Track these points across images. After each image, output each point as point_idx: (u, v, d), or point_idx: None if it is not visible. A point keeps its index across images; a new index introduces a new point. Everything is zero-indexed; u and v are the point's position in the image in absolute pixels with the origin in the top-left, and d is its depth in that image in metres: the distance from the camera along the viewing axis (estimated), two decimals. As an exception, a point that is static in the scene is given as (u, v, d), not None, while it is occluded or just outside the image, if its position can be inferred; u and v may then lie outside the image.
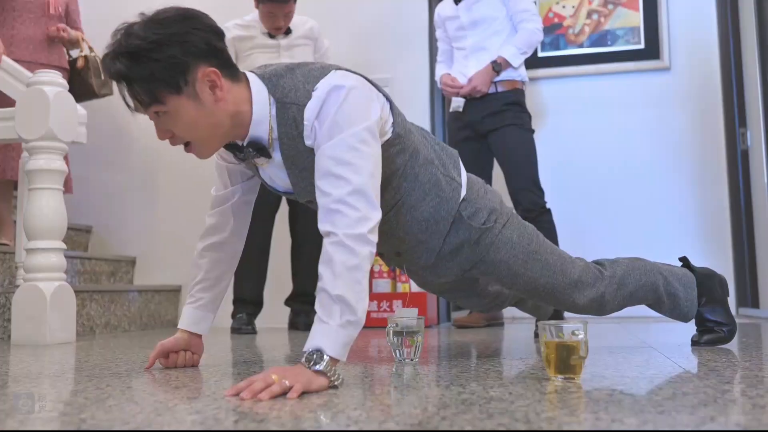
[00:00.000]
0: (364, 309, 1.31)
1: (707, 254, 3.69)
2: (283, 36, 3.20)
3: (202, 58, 1.38)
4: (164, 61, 1.34)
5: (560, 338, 1.35)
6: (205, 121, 1.40)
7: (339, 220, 1.32)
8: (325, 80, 1.41)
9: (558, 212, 3.56)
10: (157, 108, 1.38)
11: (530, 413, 1.01)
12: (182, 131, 1.41)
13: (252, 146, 1.46)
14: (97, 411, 1.07)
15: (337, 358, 1.27)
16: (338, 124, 1.36)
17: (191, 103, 1.38)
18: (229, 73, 1.42)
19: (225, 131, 1.44)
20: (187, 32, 1.37)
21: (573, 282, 1.76)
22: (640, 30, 3.94)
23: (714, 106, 3.80)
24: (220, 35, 1.43)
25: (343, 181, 1.33)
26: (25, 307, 2.50)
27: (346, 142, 1.35)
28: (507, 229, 1.70)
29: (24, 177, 2.77)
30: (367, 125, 1.38)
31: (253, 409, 1.07)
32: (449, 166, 1.67)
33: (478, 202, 1.68)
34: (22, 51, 3.24)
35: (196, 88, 1.37)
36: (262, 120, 1.43)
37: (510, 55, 3.04)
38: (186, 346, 1.69)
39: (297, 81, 1.43)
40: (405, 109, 3.69)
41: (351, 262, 1.29)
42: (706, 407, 1.04)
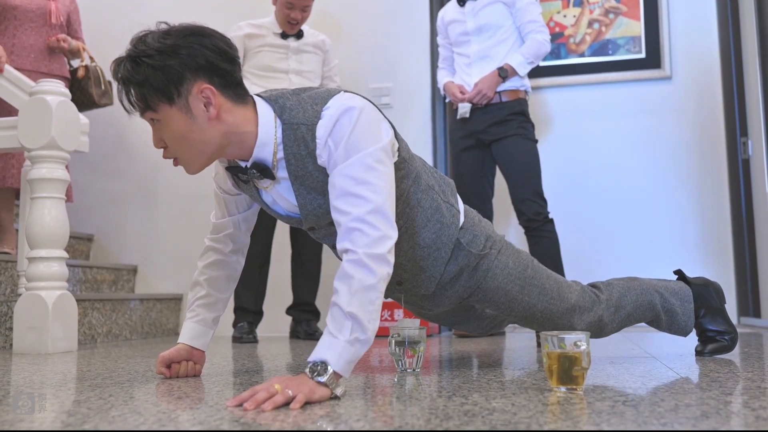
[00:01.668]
0: (375, 330, 1.31)
1: (708, 263, 3.69)
2: (294, 39, 3.23)
3: (200, 74, 1.39)
4: (160, 70, 1.37)
5: (562, 349, 1.35)
6: (194, 136, 1.41)
7: (358, 238, 1.32)
8: (335, 100, 1.42)
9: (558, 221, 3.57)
10: (150, 115, 1.42)
11: (533, 425, 1.01)
12: (172, 143, 1.43)
13: (255, 168, 1.47)
14: (100, 421, 1.07)
15: (340, 373, 1.27)
16: (354, 143, 1.37)
17: (182, 116, 1.40)
18: (233, 94, 1.43)
19: (215, 150, 1.44)
20: (191, 46, 1.39)
21: (570, 307, 1.77)
22: (641, 39, 3.95)
23: (715, 115, 3.81)
24: (228, 57, 1.43)
25: (362, 200, 1.34)
26: (27, 316, 2.50)
27: (364, 161, 1.36)
28: (502, 255, 1.72)
29: (26, 186, 2.78)
30: (382, 145, 1.40)
31: (256, 420, 1.07)
32: (448, 193, 1.69)
33: (474, 229, 1.70)
34: (23, 60, 3.25)
35: (189, 102, 1.39)
36: (267, 142, 1.44)
37: (517, 63, 3.04)
38: (188, 357, 1.69)
39: (304, 102, 1.44)
40: (406, 117, 3.73)
41: (368, 281, 1.29)
42: (708, 419, 1.04)
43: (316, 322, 3.27)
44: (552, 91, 4.03)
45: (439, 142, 3.80)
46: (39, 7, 3.33)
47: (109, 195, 4.04)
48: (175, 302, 3.75)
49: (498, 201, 3.53)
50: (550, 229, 2.98)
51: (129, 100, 1.42)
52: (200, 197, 3.82)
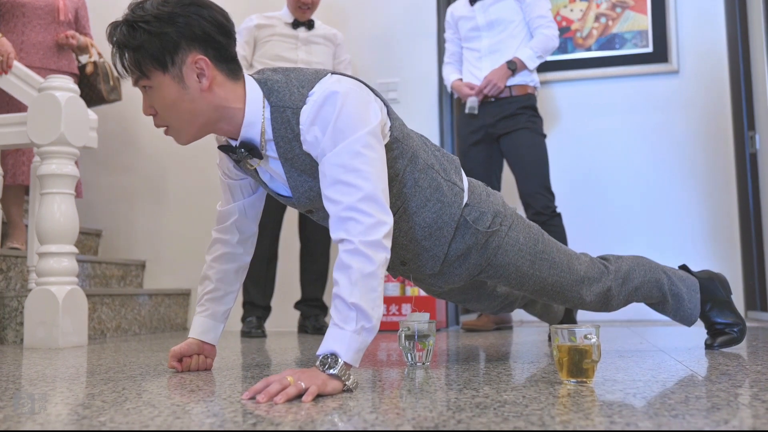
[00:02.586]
0: (379, 316, 1.32)
1: (716, 257, 3.69)
2: (304, 29, 3.25)
3: (195, 44, 1.40)
4: (156, 36, 1.38)
5: (573, 342, 1.35)
6: (185, 106, 1.42)
7: (353, 227, 1.32)
8: (320, 84, 1.41)
9: (565, 216, 3.57)
10: (143, 82, 1.42)
11: (545, 416, 1.02)
12: (162, 110, 1.44)
13: (244, 147, 1.47)
14: (115, 414, 1.08)
15: (350, 363, 1.28)
16: (341, 130, 1.36)
17: (175, 85, 1.40)
18: (227, 68, 1.44)
19: (205, 122, 1.45)
20: (188, 16, 1.40)
21: (580, 278, 1.77)
22: (648, 33, 3.94)
23: (722, 109, 3.80)
24: (224, 31, 1.44)
25: (352, 188, 1.33)
26: (37, 311, 2.52)
27: (351, 148, 1.35)
28: (513, 230, 1.70)
29: (36, 181, 2.80)
30: (369, 129, 1.38)
31: (269, 412, 1.08)
32: (450, 171, 1.66)
33: (481, 206, 1.67)
34: (32, 57, 3.27)
35: (182, 71, 1.40)
36: (254, 121, 1.44)
37: (526, 57, 3.08)
38: (198, 351, 1.70)
39: (291, 85, 1.43)
40: (413, 112, 3.74)
41: (367, 269, 1.29)
42: (719, 411, 1.05)
43: (323, 317, 3.28)
44: (559, 85, 4.02)
45: (446, 136, 3.80)
46: (47, 4, 3.34)
47: (118, 191, 4.06)
48: (183, 297, 3.77)
49: (505, 194, 3.54)
50: (557, 223, 2.99)
51: (123, 64, 1.42)
52: (208, 192, 3.83)
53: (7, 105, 3.14)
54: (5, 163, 3.14)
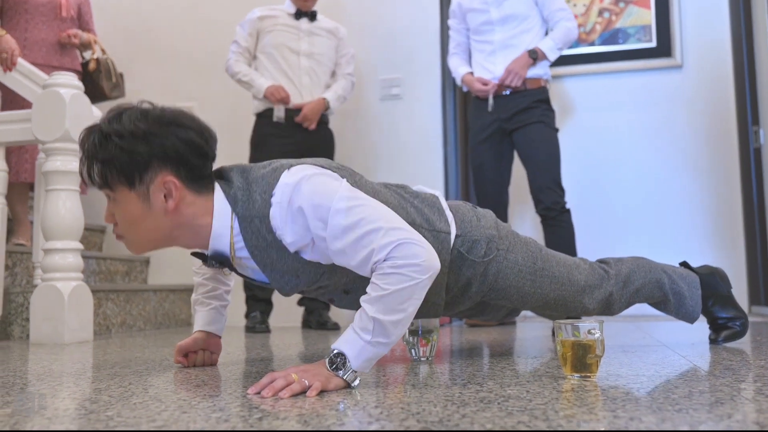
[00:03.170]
0: (401, 333, 1.30)
1: (720, 252, 3.69)
2: (307, 20, 3.27)
3: (167, 164, 1.35)
4: (127, 153, 1.33)
5: (576, 337, 1.36)
6: (146, 224, 1.39)
7: (386, 257, 1.27)
8: (279, 186, 1.35)
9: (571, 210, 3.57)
10: (107, 192, 1.39)
11: (549, 411, 1.02)
12: (122, 223, 1.40)
13: (214, 258, 1.46)
14: (122, 409, 1.09)
15: (358, 370, 1.29)
16: (320, 205, 1.31)
17: (139, 203, 1.37)
18: (196, 186, 1.39)
19: (163, 238, 1.42)
20: (164, 135, 1.35)
21: (581, 288, 1.78)
22: (652, 28, 3.94)
23: (726, 104, 3.80)
24: (200, 153, 1.38)
25: (370, 236, 1.29)
26: (43, 307, 2.53)
27: (339, 209, 1.30)
28: (510, 253, 1.68)
29: (41, 178, 2.81)
30: (343, 187, 1.35)
31: (275, 407, 1.09)
32: (433, 219, 1.60)
33: (473, 234, 1.64)
34: (35, 54, 3.27)
35: (149, 190, 1.36)
36: (222, 234, 1.40)
37: (547, 47, 3.07)
38: (204, 346, 1.72)
39: (253, 191, 1.38)
40: (416, 108, 3.74)
41: (402, 290, 1.26)
42: (723, 405, 1.05)
43: (327, 312, 3.29)
44: (562, 80, 4.02)
45: (449, 132, 3.80)
46: (50, 1, 3.35)
47: (121, 187, 4.06)
48: (187, 293, 3.78)
49: (515, 189, 3.53)
50: (566, 219, 2.99)
51: (89, 174, 1.38)
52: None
53: (11, 102, 3.15)
54: (8, 160, 3.15)
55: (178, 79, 4.11)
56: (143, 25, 4.20)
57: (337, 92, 3.30)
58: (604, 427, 0.91)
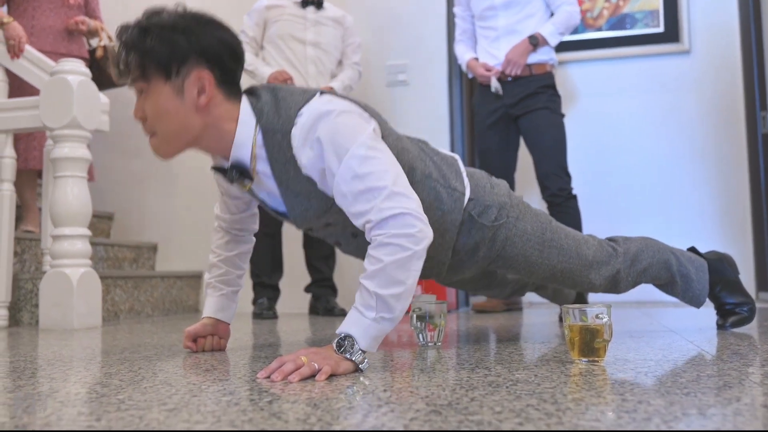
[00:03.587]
0: (403, 308, 1.31)
1: (727, 238, 3.68)
2: (313, 9, 3.27)
3: (203, 60, 1.39)
4: (167, 43, 1.37)
5: (584, 322, 1.36)
6: (176, 118, 1.40)
7: (384, 224, 1.30)
8: (308, 106, 1.38)
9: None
10: (141, 84, 1.41)
11: (557, 395, 1.03)
12: (153, 118, 1.42)
13: (235, 168, 1.46)
14: (133, 392, 1.10)
15: (366, 349, 1.30)
16: (340, 144, 1.34)
17: (172, 94, 1.39)
18: (227, 89, 1.43)
19: (193, 138, 1.43)
20: (203, 31, 1.39)
21: (589, 263, 1.78)
22: (659, 13, 3.91)
23: (734, 90, 3.77)
24: (235, 56, 1.43)
25: (373, 192, 1.31)
26: (52, 293, 2.55)
27: (356, 155, 1.33)
28: (520, 221, 1.70)
29: (49, 165, 2.82)
30: (368, 133, 1.36)
31: (285, 391, 1.09)
32: (450, 177, 1.63)
33: (486, 199, 1.66)
34: (43, 41, 3.27)
35: (184, 84, 1.39)
36: (244, 143, 1.42)
37: (548, 32, 3.06)
38: (213, 331, 1.73)
39: (279, 107, 1.41)
40: (423, 94, 3.73)
41: (398, 261, 1.28)
42: (731, 389, 1.06)
43: (334, 298, 3.30)
44: (569, 66, 4.00)
45: (455, 118, 3.79)
46: (57, -12, 3.34)
47: (129, 174, 4.08)
48: (195, 280, 3.80)
49: (521, 174, 3.53)
50: (572, 205, 2.98)
51: (127, 65, 1.41)
52: (218, 176, 3.85)
53: (19, 89, 3.15)
54: (17, 147, 3.16)
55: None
56: (149, 11, 4.19)
57: (343, 81, 3.30)
58: (613, 410, 0.91)
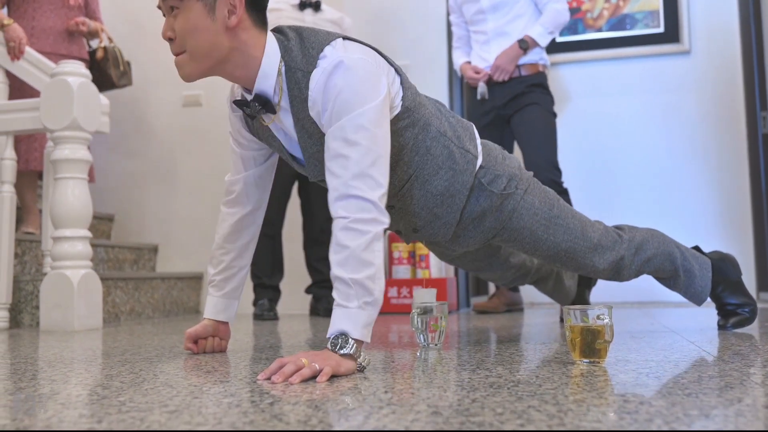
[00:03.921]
0: (381, 289, 1.33)
1: (728, 238, 3.68)
2: (311, 11, 3.26)
3: None
4: None
5: (585, 322, 1.36)
6: (206, 36, 1.42)
7: (346, 204, 1.33)
8: (330, 49, 1.40)
9: (576, 197, 3.56)
10: (173, 2, 1.43)
11: (559, 395, 1.03)
12: (182, 36, 1.43)
13: (258, 100, 1.47)
14: (134, 394, 1.10)
15: (361, 339, 1.30)
16: (347, 102, 1.35)
17: (204, 12, 1.41)
18: (256, 16, 1.46)
19: (220, 60, 1.44)
20: None
21: (593, 245, 1.78)
22: (660, 14, 3.91)
23: (735, 90, 3.77)
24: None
25: (350, 161, 1.33)
26: (53, 295, 2.55)
27: (355, 121, 1.34)
28: (528, 194, 1.70)
29: (49, 166, 2.82)
30: (375, 103, 1.37)
31: (285, 392, 1.09)
32: (464, 139, 1.64)
33: (497, 169, 1.67)
34: (43, 42, 3.27)
35: (216, 2, 1.41)
36: (269, 73, 1.44)
37: (537, 34, 3.06)
38: (214, 332, 1.72)
39: (303, 46, 1.43)
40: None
41: (360, 244, 1.30)
42: (732, 389, 1.05)
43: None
44: (569, 66, 4.00)
45: (456, 119, 3.78)
46: (57, -11, 3.34)
47: (129, 175, 4.08)
48: (195, 281, 3.80)
49: None
50: (564, 199, 2.95)
51: None
52: (218, 176, 3.85)
53: (19, 91, 3.15)
54: (18, 149, 3.16)
55: (184, 68, 4.10)
56: (149, 13, 4.19)
57: None
58: (614, 412, 0.91)
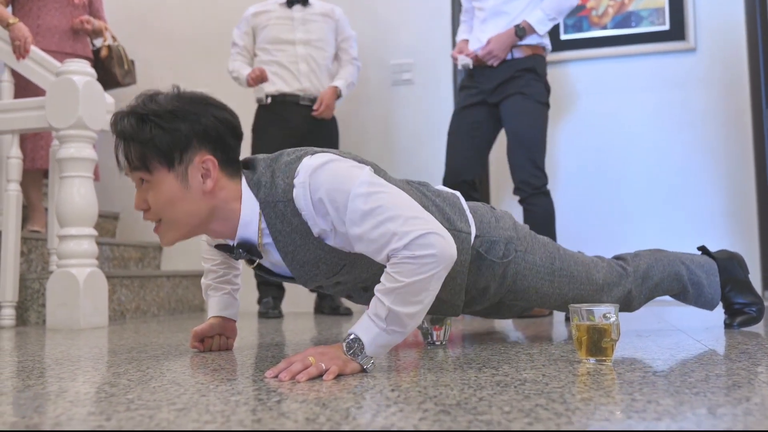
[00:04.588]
0: (416, 324, 1.30)
1: (734, 236, 3.67)
2: (300, 7, 3.26)
3: (206, 144, 1.36)
4: (168, 132, 1.33)
5: (591, 321, 1.36)
6: (183, 206, 1.37)
7: (411, 245, 1.25)
8: (302, 166, 1.35)
9: (582, 195, 3.56)
10: (142, 175, 1.36)
11: (566, 394, 1.03)
12: (158, 206, 1.37)
13: (241, 247, 1.44)
14: (142, 392, 1.10)
15: (372, 356, 1.29)
16: (340, 189, 1.31)
17: (177, 183, 1.35)
18: (230, 170, 1.40)
19: (200, 222, 1.40)
20: (202, 114, 1.36)
21: (600, 286, 1.77)
22: (665, 11, 3.90)
23: (740, 87, 3.76)
24: (236, 133, 1.40)
25: (388, 225, 1.27)
26: (59, 293, 2.55)
27: (360, 194, 1.29)
28: (528, 254, 1.68)
29: (55, 165, 2.82)
30: (365, 173, 1.33)
31: (293, 390, 1.10)
32: (454, 219, 1.60)
33: (492, 235, 1.64)
34: (48, 41, 3.28)
35: (188, 171, 1.35)
36: (250, 220, 1.40)
37: (536, 20, 2.82)
38: (220, 331, 1.73)
39: (276, 178, 1.38)
40: (428, 93, 3.73)
41: (416, 283, 1.25)
42: (740, 388, 1.05)
43: (339, 298, 3.31)
44: (574, 64, 3.99)
45: (460, 117, 3.78)
46: (62, -12, 3.35)
47: (134, 174, 4.08)
48: (200, 279, 3.80)
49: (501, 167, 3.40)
50: (540, 202, 2.76)
51: (126, 156, 1.36)
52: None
53: (24, 89, 3.16)
54: (24, 147, 3.17)
55: (188, 66, 4.10)
56: (152, 12, 4.20)
57: (346, 80, 3.31)
58: (621, 410, 0.91)
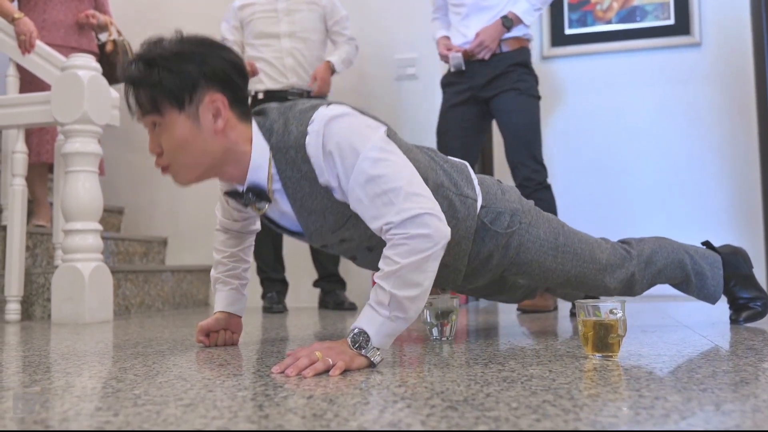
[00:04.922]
0: (418, 309, 1.30)
1: (739, 232, 3.66)
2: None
3: (214, 83, 1.37)
4: (176, 74, 1.34)
5: (598, 317, 1.36)
6: (196, 146, 1.38)
7: (406, 224, 1.27)
8: (318, 114, 1.36)
9: (586, 190, 3.56)
10: (154, 119, 1.37)
11: (573, 390, 1.03)
12: (170, 149, 1.38)
13: (251, 191, 1.45)
14: (149, 387, 1.11)
15: (378, 347, 1.29)
16: (351, 147, 1.32)
17: (188, 123, 1.36)
18: (239, 110, 1.41)
19: (213, 163, 1.41)
20: (209, 54, 1.37)
21: (602, 266, 1.77)
22: (670, 5, 3.88)
23: (746, 82, 3.75)
24: (242, 73, 1.41)
25: (390, 195, 1.29)
26: (64, 287, 2.56)
27: (369, 157, 1.31)
28: (533, 227, 1.68)
29: (60, 160, 2.83)
30: (379, 135, 1.35)
31: (300, 386, 1.10)
32: (461, 184, 1.61)
33: (497, 206, 1.65)
34: (54, 35, 3.28)
35: (198, 110, 1.36)
36: (261, 164, 1.41)
37: (522, 10, 2.79)
38: (226, 326, 1.73)
39: (289, 123, 1.39)
40: (432, 88, 3.72)
41: (413, 263, 1.26)
42: (748, 385, 1.05)
43: (343, 292, 3.31)
44: (579, 59, 3.98)
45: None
46: (67, -18, 3.34)
47: (139, 168, 4.09)
48: (205, 274, 3.81)
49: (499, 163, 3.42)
50: (542, 197, 2.73)
51: (137, 100, 1.38)
52: (228, 170, 3.85)
53: (30, 84, 3.16)
54: (29, 141, 3.17)
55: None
56: (157, 7, 4.19)
57: (341, 56, 3.25)
58: (629, 407, 0.91)
